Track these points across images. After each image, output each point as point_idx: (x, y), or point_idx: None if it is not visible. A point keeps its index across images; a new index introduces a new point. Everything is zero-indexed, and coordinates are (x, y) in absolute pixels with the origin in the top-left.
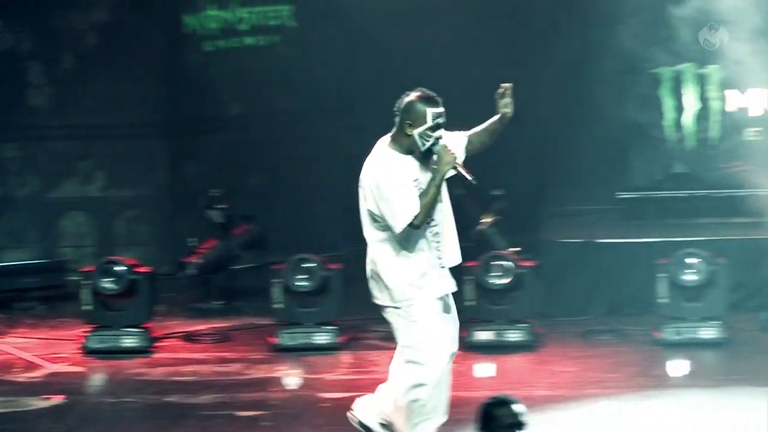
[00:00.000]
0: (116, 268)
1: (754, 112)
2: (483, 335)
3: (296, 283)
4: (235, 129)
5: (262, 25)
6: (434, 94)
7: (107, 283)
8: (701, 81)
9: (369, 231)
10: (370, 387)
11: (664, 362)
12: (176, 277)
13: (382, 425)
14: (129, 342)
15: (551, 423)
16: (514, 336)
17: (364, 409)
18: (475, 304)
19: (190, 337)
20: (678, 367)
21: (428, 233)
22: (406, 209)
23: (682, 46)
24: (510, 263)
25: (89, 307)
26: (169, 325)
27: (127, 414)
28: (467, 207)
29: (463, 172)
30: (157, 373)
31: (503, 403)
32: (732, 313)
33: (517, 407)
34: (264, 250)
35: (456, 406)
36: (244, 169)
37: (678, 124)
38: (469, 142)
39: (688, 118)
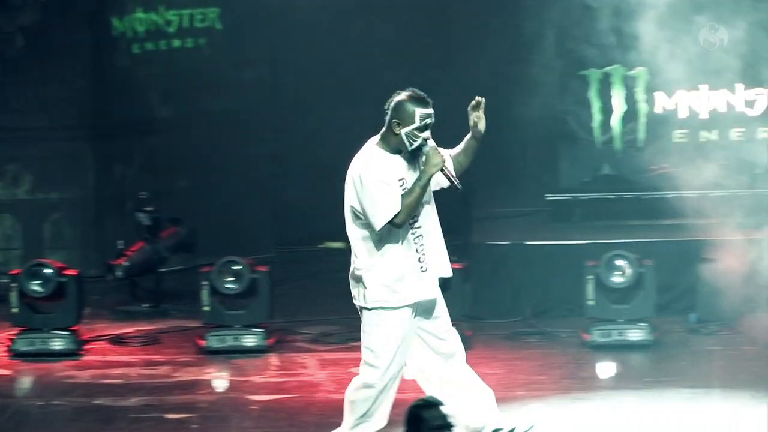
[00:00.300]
0: (44, 271)
1: (682, 114)
2: None
3: (224, 286)
4: (163, 131)
5: (190, 28)
6: (424, 95)
7: (35, 286)
8: (629, 83)
9: (351, 228)
10: (298, 389)
11: (593, 364)
12: (104, 280)
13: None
14: (57, 345)
15: None
16: None
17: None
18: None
19: (118, 340)
20: (606, 369)
21: (410, 235)
22: (387, 206)
23: (611, 48)
24: None
25: (16, 310)
26: (97, 327)
27: (56, 417)
28: None
29: (450, 176)
30: (86, 375)
31: (431, 405)
32: (660, 315)
33: (444, 409)
34: (192, 253)
35: None
36: (171, 171)
37: (606, 126)
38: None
39: (616, 120)
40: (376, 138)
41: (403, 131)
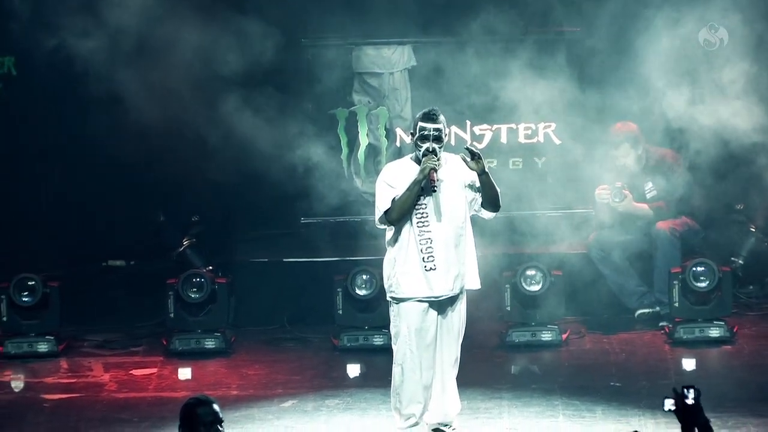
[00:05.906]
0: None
1: None
2: (181, 344)
3: (22, 299)
4: None
5: None
6: (435, 113)
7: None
8: (372, 120)
9: None
10: (85, 389)
11: (342, 365)
12: None
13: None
14: (210, 344)
15: (245, 418)
16: (210, 343)
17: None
18: (173, 315)
19: None
20: (353, 369)
21: (417, 236)
22: (382, 203)
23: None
24: (205, 280)
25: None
26: None
27: None
28: (168, 232)
29: (432, 179)
30: None
31: (203, 402)
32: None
33: (215, 406)
34: None
35: (159, 405)
36: None
37: (353, 158)
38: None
39: (360, 152)
40: None
41: (412, 141)
